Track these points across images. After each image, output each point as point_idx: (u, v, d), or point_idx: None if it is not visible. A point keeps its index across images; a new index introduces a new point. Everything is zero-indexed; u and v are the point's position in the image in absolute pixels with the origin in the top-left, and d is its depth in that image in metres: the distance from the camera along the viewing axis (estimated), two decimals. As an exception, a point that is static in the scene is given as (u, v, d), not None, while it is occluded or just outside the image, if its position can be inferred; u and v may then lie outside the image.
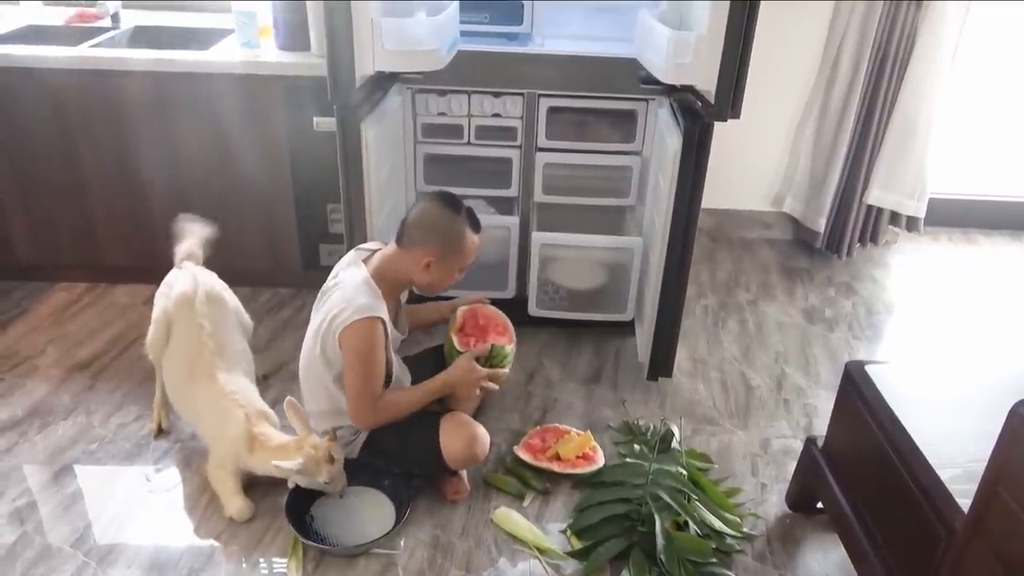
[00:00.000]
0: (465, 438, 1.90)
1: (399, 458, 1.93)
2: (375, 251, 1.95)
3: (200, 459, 2.06)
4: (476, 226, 1.91)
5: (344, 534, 1.87)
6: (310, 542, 1.82)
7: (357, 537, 1.85)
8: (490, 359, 2.00)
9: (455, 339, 2.03)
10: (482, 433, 1.93)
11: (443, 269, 1.88)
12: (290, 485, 1.87)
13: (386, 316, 1.83)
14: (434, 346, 2.23)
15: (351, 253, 1.96)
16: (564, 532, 1.92)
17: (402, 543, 1.87)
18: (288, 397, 1.85)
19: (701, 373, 2.56)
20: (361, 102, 2.06)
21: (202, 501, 1.98)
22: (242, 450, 1.87)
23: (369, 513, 1.91)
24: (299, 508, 1.89)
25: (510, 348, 2.05)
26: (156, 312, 2.06)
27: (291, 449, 1.82)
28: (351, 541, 1.84)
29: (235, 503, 1.90)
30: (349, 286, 1.84)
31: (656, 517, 1.85)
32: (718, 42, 1.88)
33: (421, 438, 1.90)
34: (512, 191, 2.62)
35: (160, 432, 2.18)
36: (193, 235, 2.21)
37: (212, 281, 2.11)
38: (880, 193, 3.21)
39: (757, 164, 3.36)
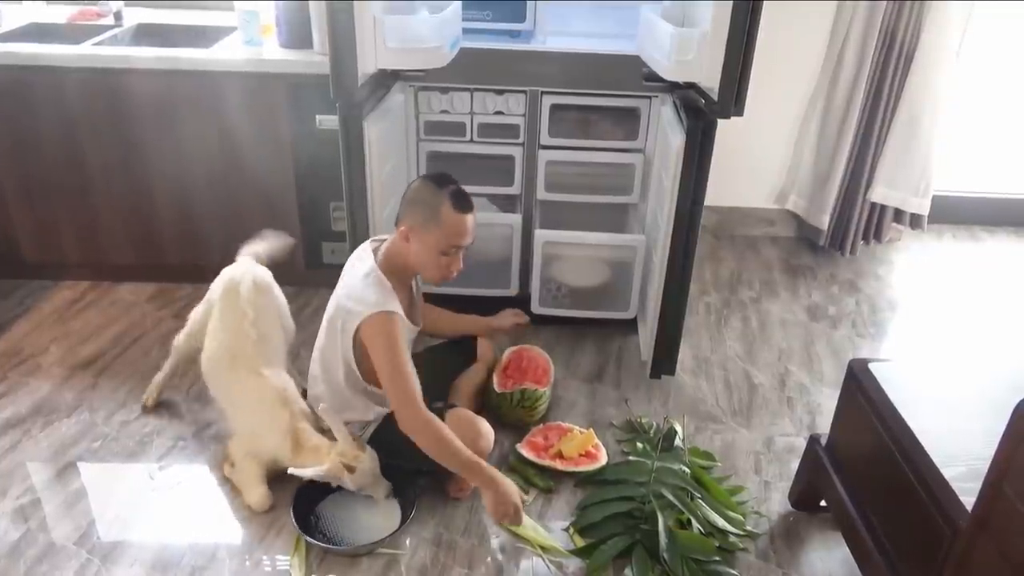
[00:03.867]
0: (470, 433, 1.90)
1: (406, 453, 1.91)
2: (384, 240, 1.96)
3: (218, 448, 2.09)
4: (461, 204, 1.83)
5: (350, 533, 1.86)
6: (316, 541, 1.81)
7: (363, 536, 1.85)
8: (522, 401, 2.18)
9: (495, 379, 2.25)
10: (487, 429, 1.94)
11: (424, 243, 1.83)
12: (334, 484, 1.85)
13: (398, 307, 1.83)
14: (444, 341, 2.29)
15: (366, 242, 1.98)
16: (567, 530, 1.92)
17: (407, 542, 1.87)
18: (321, 405, 1.85)
19: (704, 371, 2.55)
20: (364, 100, 2.06)
21: (206, 498, 1.98)
22: (286, 450, 1.87)
23: (375, 512, 1.91)
24: (305, 507, 1.89)
25: (543, 391, 2.23)
26: (207, 295, 2.11)
27: (323, 453, 1.83)
28: (357, 540, 1.84)
29: (256, 492, 1.91)
30: (356, 280, 1.86)
31: (659, 515, 1.85)
32: (721, 39, 1.87)
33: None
34: (515, 189, 2.61)
35: (145, 409, 2.22)
36: (266, 241, 2.24)
37: (263, 272, 2.12)
38: (884, 190, 3.20)
39: (760, 161, 3.35)
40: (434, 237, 1.83)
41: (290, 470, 1.81)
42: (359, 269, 1.88)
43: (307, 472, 1.79)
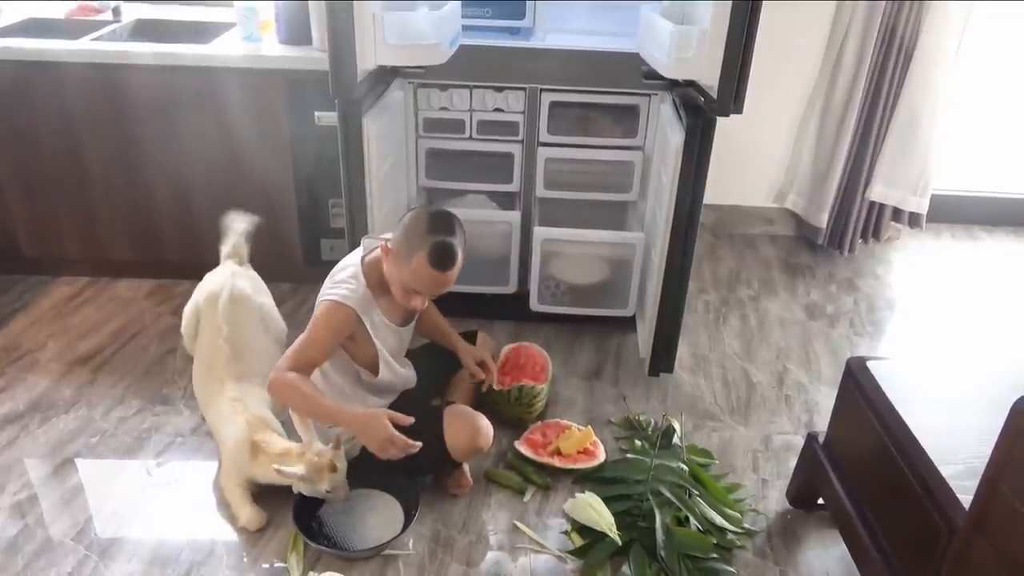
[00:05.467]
0: (469, 430, 1.90)
1: None
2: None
3: (215, 445, 2.07)
4: (437, 261, 1.75)
5: (354, 536, 1.85)
6: (323, 547, 1.80)
7: (367, 539, 1.84)
8: (520, 398, 2.17)
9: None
10: (485, 425, 1.93)
11: (394, 268, 1.80)
12: (294, 491, 1.84)
13: (364, 307, 1.83)
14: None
15: (361, 242, 1.97)
16: (565, 532, 1.91)
17: (411, 543, 1.86)
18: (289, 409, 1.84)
19: (702, 369, 2.56)
20: (363, 96, 2.05)
21: (204, 495, 1.98)
22: (244, 457, 1.85)
23: (378, 514, 1.90)
24: (307, 511, 1.88)
25: (541, 388, 2.22)
26: (188, 305, 2.10)
27: (293, 455, 1.80)
28: (361, 543, 1.83)
29: (245, 512, 1.86)
30: (339, 270, 1.88)
31: (657, 513, 1.85)
32: (721, 36, 1.87)
33: (425, 430, 1.89)
34: (514, 186, 2.61)
35: None
36: (235, 232, 2.22)
37: (242, 283, 2.10)
38: (883, 189, 3.20)
39: (759, 160, 3.35)
40: (402, 271, 1.79)
41: (275, 466, 1.78)
42: (344, 264, 1.90)
43: (289, 470, 1.76)
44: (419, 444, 1.77)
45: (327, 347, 1.82)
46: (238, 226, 2.23)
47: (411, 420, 1.79)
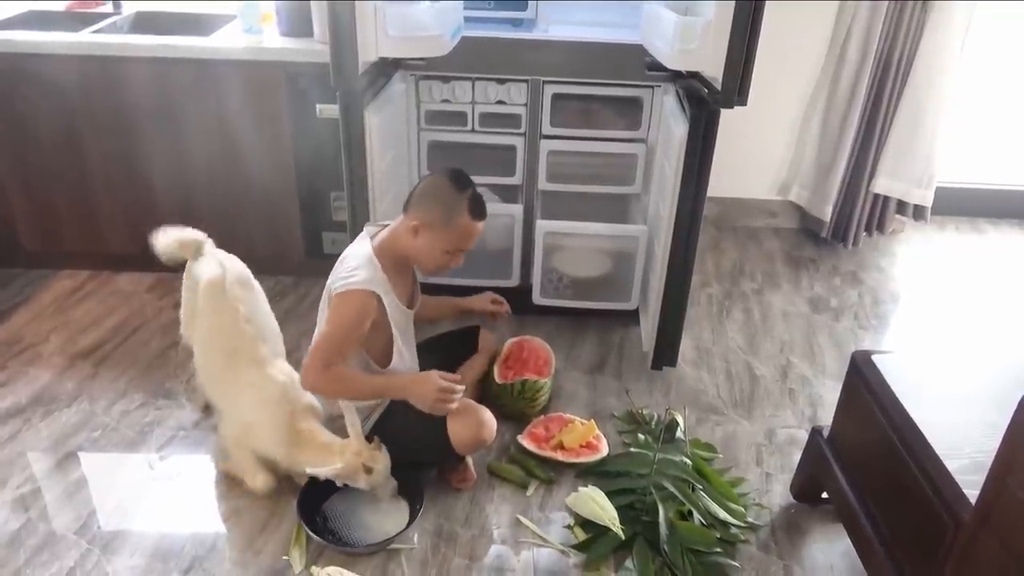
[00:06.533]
0: (472, 423, 1.89)
1: (407, 445, 1.91)
2: (386, 226, 1.94)
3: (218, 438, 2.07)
4: (477, 212, 1.84)
5: (359, 531, 1.85)
6: (327, 542, 1.80)
7: (372, 533, 1.84)
8: (523, 392, 2.17)
9: (496, 370, 2.24)
10: (489, 418, 1.93)
11: (431, 240, 1.82)
12: (340, 483, 1.83)
13: (385, 291, 1.82)
14: (445, 332, 2.26)
15: (364, 229, 1.96)
16: (569, 527, 1.91)
17: (414, 537, 1.86)
18: (342, 401, 1.82)
19: (706, 362, 2.55)
20: (364, 89, 2.04)
21: (206, 488, 1.98)
22: (281, 449, 1.83)
23: (382, 509, 1.90)
24: (312, 506, 1.88)
25: (544, 382, 2.22)
26: (183, 299, 2.04)
27: (335, 451, 1.80)
28: (364, 537, 1.83)
29: (259, 477, 1.87)
30: (351, 259, 1.85)
31: (660, 507, 1.85)
32: (725, 27, 1.85)
33: (429, 424, 1.88)
34: (516, 179, 2.60)
35: (207, 409, 2.18)
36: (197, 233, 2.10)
37: (239, 265, 2.04)
38: (887, 181, 3.19)
39: (763, 152, 3.34)
40: (444, 237, 1.83)
41: (308, 470, 1.78)
42: (354, 251, 1.88)
43: (324, 471, 1.76)
44: (463, 382, 1.88)
45: (354, 336, 1.80)
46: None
47: (459, 377, 1.88)
